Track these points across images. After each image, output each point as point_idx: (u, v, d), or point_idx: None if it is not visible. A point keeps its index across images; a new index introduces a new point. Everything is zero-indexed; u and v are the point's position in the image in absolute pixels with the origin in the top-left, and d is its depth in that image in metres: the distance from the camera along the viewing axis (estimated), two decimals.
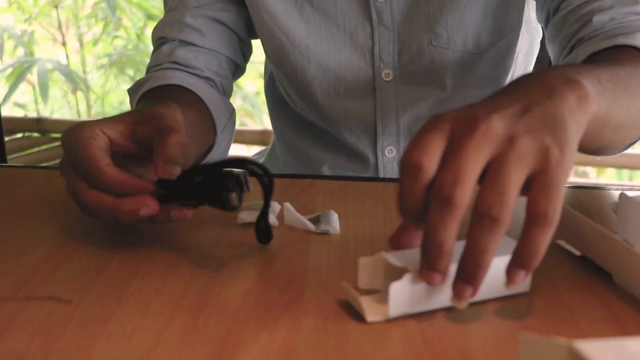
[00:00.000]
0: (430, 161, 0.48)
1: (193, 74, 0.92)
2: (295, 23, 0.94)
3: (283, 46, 0.96)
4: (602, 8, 0.81)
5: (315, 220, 0.67)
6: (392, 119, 0.97)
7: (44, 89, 3.01)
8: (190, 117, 0.77)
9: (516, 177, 0.47)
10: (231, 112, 0.96)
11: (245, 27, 0.98)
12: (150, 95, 0.86)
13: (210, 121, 0.88)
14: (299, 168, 1.08)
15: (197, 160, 0.83)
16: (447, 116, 0.50)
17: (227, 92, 0.97)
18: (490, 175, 0.48)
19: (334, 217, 0.68)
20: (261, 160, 1.19)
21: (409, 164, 0.49)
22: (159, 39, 0.96)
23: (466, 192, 0.47)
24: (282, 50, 0.96)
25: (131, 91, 0.93)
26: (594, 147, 0.67)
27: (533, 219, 0.48)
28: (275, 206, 0.70)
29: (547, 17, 0.89)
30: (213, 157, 0.89)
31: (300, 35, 0.95)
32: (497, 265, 0.53)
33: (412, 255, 0.53)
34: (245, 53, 1.01)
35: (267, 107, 1.15)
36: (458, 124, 0.49)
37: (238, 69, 1.01)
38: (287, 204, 0.68)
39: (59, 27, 3.33)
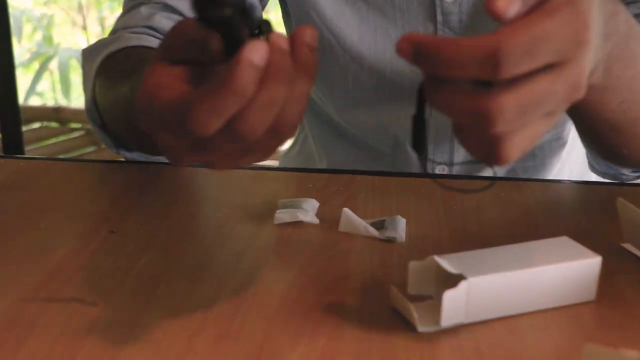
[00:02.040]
0: None
1: None
2: (347, 23, 0.91)
3: (332, 49, 0.92)
4: None
5: (379, 226, 0.66)
6: (447, 134, 0.96)
7: (65, 81, 3.05)
8: None
9: None
10: None
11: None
12: (119, 57, 0.79)
13: None
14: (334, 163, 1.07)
15: None
16: None
17: None
18: None
19: (402, 223, 0.66)
20: (293, 156, 1.18)
21: None
22: None
23: None
24: (331, 54, 0.93)
25: (88, 51, 0.85)
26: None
27: None
28: (313, 203, 0.70)
29: None
30: None
31: (351, 37, 0.91)
32: (558, 271, 0.53)
33: (467, 260, 0.52)
34: None
35: None
36: None
37: None
38: (346, 210, 0.67)
39: (80, 9, 3.37)
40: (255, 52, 0.44)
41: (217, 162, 0.50)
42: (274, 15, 0.94)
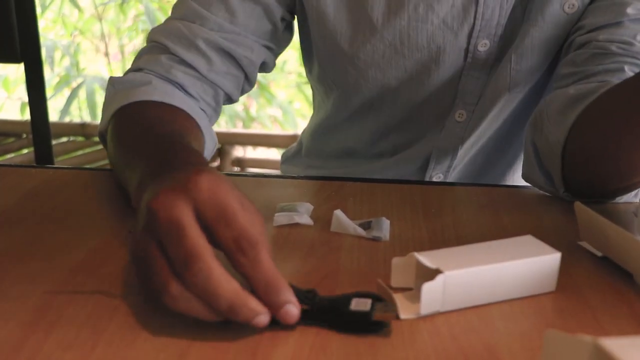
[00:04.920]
0: None
1: (189, 94, 0.83)
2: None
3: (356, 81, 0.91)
4: None
5: (366, 226, 0.66)
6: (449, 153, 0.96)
7: (91, 104, 3.06)
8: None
9: None
10: (215, 144, 0.84)
11: (258, 67, 0.89)
12: (141, 112, 0.76)
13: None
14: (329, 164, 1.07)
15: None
16: None
17: (212, 122, 0.88)
18: None
19: (386, 223, 0.67)
20: (286, 161, 1.17)
21: None
22: (159, 43, 0.84)
23: None
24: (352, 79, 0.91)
25: (115, 81, 0.82)
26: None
27: None
28: (308, 206, 0.70)
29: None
30: None
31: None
32: (523, 266, 0.53)
33: (444, 256, 0.53)
34: (245, 89, 0.90)
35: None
36: None
37: (229, 101, 0.90)
38: (338, 212, 0.66)
39: (102, 38, 3.37)
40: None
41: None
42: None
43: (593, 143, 0.71)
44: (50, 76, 3.18)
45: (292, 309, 0.47)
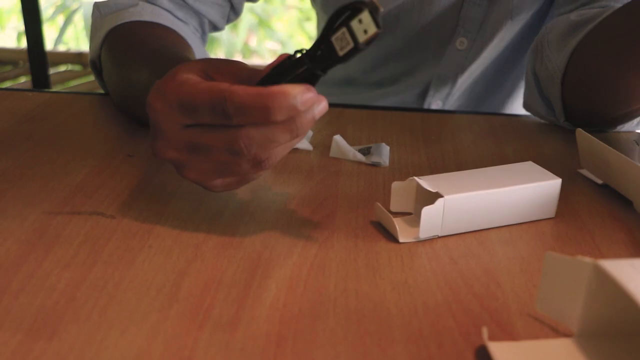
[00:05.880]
0: None
1: (177, 18, 0.81)
2: None
3: None
4: None
5: (366, 152, 0.65)
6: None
7: (89, 32, 3.01)
8: None
9: None
10: None
11: None
12: (131, 31, 0.75)
13: None
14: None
15: None
16: None
17: (204, 44, 0.87)
18: None
19: (386, 149, 0.66)
20: None
21: None
22: None
23: None
24: None
25: (101, 5, 0.80)
26: None
27: None
28: (308, 132, 0.69)
29: None
30: None
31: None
32: (523, 191, 0.53)
33: (443, 181, 0.52)
34: (231, 18, 0.88)
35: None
36: None
37: (214, 29, 0.88)
38: (337, 137, 0.66)
39: None
40: (306, 99, 0.44)
41: (189, 172, 0.49)
42: None
43: (592, 69, 0.70)
44: (45, 5, 3.13)
45: (317, 99, 0.45)
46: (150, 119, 0.49)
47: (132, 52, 0.70)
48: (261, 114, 0.43)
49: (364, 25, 0.42)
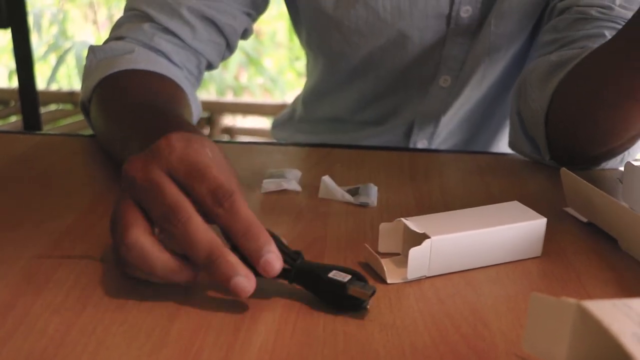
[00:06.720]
0: None
1: (173, 63, 0.81)
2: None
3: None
4: None
5: (354, 192, 0.66)
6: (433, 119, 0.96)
7: (80, 70, 3.03)
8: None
9: None
10: (199, 112, 0.83)
11: (240, 35, 0.87)
12: (126, 84, 0.74)
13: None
14: (319, 130, 1.06)
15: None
16: None
17: (195, 89, 0.86)
18: None
19: (373, 189, 0.66)
20: (277, 126, 1.16)
21: None
22: (140, 11, 0.82)
23: None
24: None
25: (96, 50, 0.80)
26: None
27: None
28: (296, 173, 0.69)
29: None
30: None
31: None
32: (509, 231, 0.53)
33: (431, 221, 0.53)
34: (226, 56, 0.89)
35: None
36: None
37: (209, 68, 0.88)
38: (326, 178, 0.66)
39: (91, 6, 3.33)
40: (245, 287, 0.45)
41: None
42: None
43: (573, 108, 0.71)
44: (38, 44, 3.15)
45: (273, 258, 0.46)
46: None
47: (118, 106, 0.71)
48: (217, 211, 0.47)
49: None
